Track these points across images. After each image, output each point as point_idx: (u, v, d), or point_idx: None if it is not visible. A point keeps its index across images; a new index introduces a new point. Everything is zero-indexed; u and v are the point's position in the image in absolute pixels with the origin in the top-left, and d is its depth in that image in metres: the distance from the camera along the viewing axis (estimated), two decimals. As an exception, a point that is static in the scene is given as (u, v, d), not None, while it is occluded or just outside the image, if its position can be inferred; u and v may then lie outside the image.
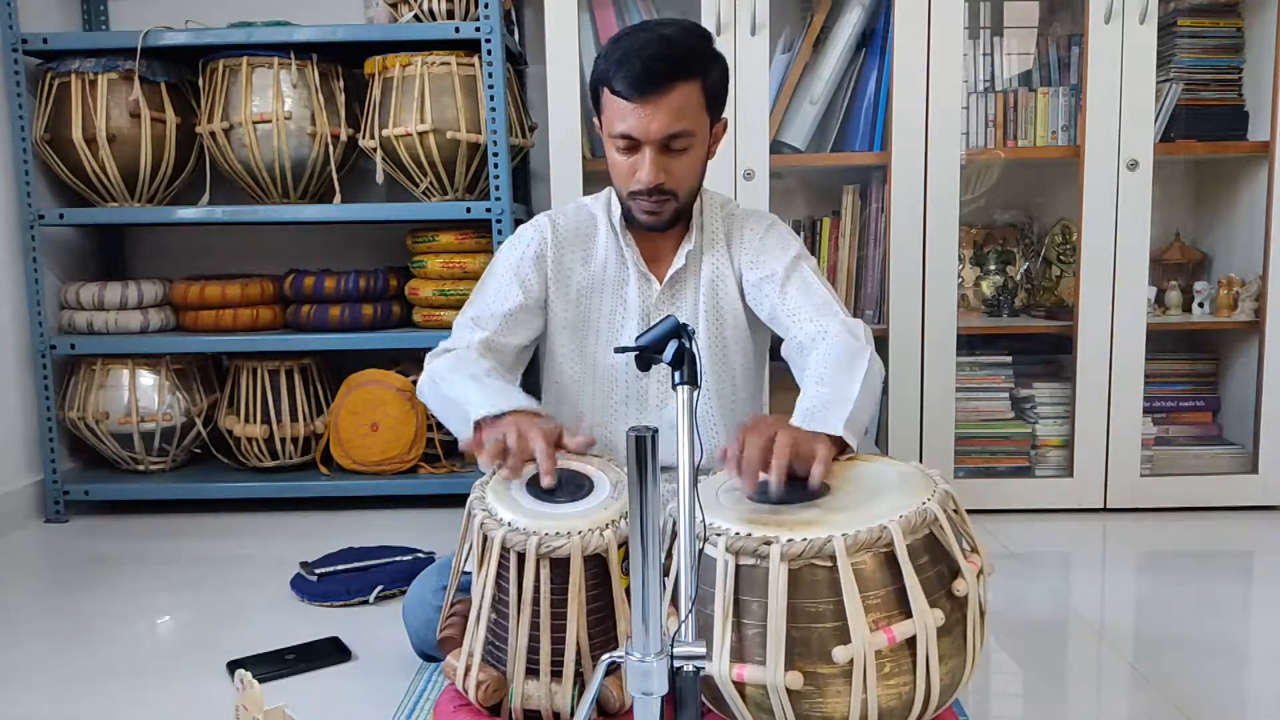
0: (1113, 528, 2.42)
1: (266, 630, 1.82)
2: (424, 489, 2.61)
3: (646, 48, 1.47)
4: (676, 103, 1.48)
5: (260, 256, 2.93)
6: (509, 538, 1.28)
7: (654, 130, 1.48)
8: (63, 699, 1.61)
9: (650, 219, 1.59)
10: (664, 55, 1.47)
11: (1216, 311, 2.59)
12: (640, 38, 1.50)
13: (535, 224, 1.70)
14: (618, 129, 1.51)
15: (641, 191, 1.54)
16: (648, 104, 1.47)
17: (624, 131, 1.50)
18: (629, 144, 1.52)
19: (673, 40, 1.49)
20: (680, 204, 1.59)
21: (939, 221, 2.43)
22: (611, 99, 1.51)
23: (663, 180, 1.52)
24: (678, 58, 1.48)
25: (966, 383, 2.56)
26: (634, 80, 1.46)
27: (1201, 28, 2.52)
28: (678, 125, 1.49)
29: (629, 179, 1.55)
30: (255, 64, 2.55)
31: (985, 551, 1.26)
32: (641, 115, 1.48)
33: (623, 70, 1.47)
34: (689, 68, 1.49)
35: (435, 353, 1.65)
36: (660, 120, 1.48)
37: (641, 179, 1.52)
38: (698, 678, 1.03)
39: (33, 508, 2.62)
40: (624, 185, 1.57)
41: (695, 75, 1.49)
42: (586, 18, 2.49)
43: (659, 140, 1.50)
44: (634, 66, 1.46)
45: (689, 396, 1.11)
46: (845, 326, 1.55)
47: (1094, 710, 1.57)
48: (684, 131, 1.50)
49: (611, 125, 1.52)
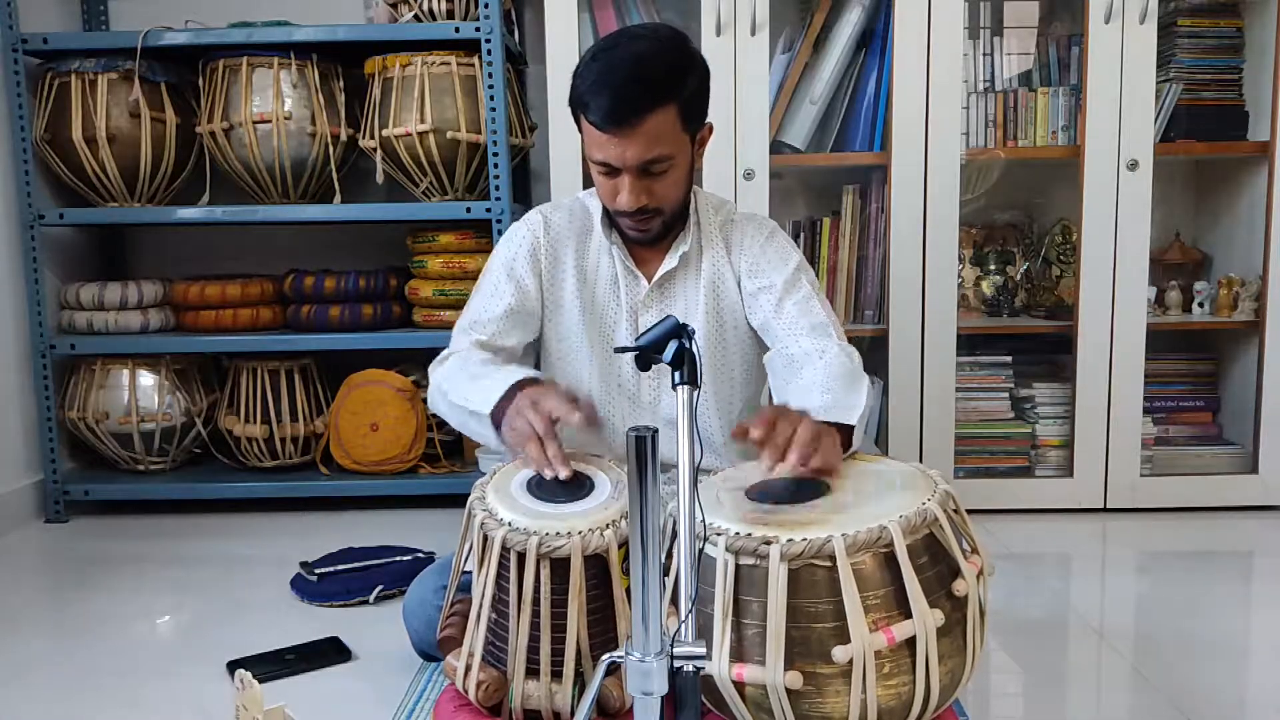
0: (1113, 528, 2.42)
1: (266, 630, 1.82)
2: (424, 489, 2.61)
3: (618, 71, 1.45)
4: (651, 132, 1.47)
5: (260, 256, 2.93)
6: (509, 537, 1.28)
7: (630, 159, 1.48)
8: (63, 699, 1.61)
9: (638, 235, 1.61)
10: (635, 81, 1.45)
11: (1216, 311, 2.59)
12: (614, 57, 1.47)
13: (528, 220, 1.71)
14: (595, 156, 1.52)
15: (624, 213, 1.55)
16: (622, 135, 1.47)
17: (601, 160, 1.51)
18: (608, 170, 1.53)
19: (645, 60, 1.47)
20: (667, 217, 1.59)
21: (939, 221, 2.43)
22: (588, 126, 1.51)
23: (645, 202, 1.53)
24: (650, 83, 1.46)
25: (966, 383, 2.56)
26: (606, 114, 1.46)
27: (1201, 28, 2.52)
28: (653, 152, 1.49)
29: (612, 200, 1.56)
30: (255, 64, 2.55)
31: (985, 552, 1.26)
32: (616, 145, 1.48)
33: (596, 101, 1.46)
34: (662, 93, 1.47)
35: (437, 361, 1.66)
36: (635, 149, 1.48)
37: (622, 204, 1.53)
38: (698, 678, 1.03)
39: (33, 508, 2.62)
40: (609, 203, 1.58)
41: (669, 99, 1.47)
42: (586, 18, 2.49)
43: (635, 168, 1.50)
44: (606, 98, 1.45)
45: (689, 396, 1.11)
46: (843, 350, 1.57)
47: (1094, 710, 1.57)
48: (660, 157, 1.50)
49: (590, 151, 1.53)
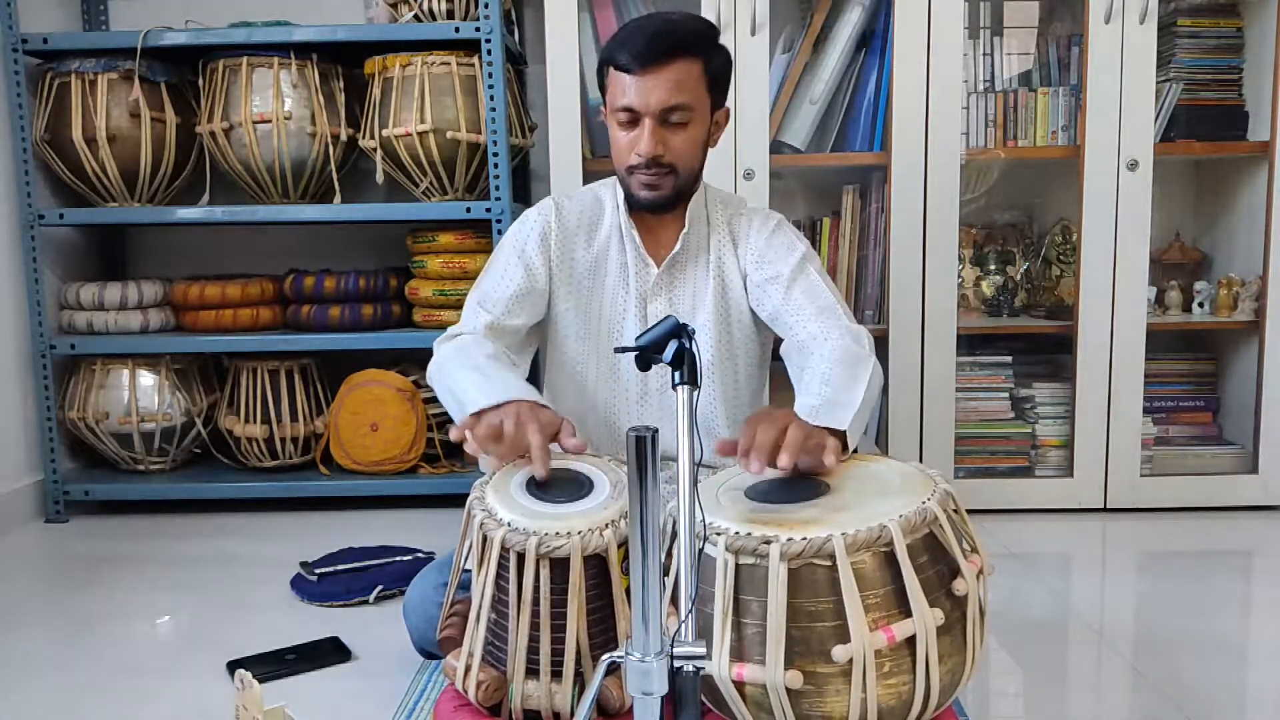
0: (1113, 528, 2.42)
1: (266, 630, 1.82)
2: (424, 489, 2.61)
3: (650, 25, 1.57)
4: (676, 75, 1.53)
5: (260, 256, 2.93)
6: (509, 538, 1.28)
7: (654, 102, 1.53)
8: (63, 699, 1.61)
9: (650, 194, 1.60)
10: (667, 32, 1.54)
11: (1216, 311, 2.59)
12: (647, 20, 1.60)
13: (540, 207, 1.73)
14: (619, 102, 1.56)
15: (640, 165, 1.57)
16: (648, 75, 1.53)
17: (625, 104, 1.55)
18: (630, 117, 1.56)
19: (678, 23, 1.57)
20: (680, 181, 1.61)
21: (939, 221, 2.43)
22: (615, 75, 1.56)
23: (661, 152, 1.56)
24: (680, 36, 1.55)
25: (966, 383, 2.56)
26: (636, 53, 1.53)
27: (1201, 28, 2.52)
28: (677, 98, 1.54)
29: (629, 153, 1.58)
30: (255, 64, 2.55)
31: (985, 552, 1.26)
32: (642, 87, 1.53)
33: (627, 45, 1.54)
34: (691, 46, 1.55)
35: (444, 337, 1.67)
36: (660, 92, 1.53)
37: (640, 150, 1.56)
38: (698, 677, 1.03)
39: (33, 508, 2.62)
40: (625, 161, 1.60)
41: (697, 54, 1.55)
42: (586, 18, 2.49)
43: (658, 112, 1.54)
44: (637, 41, 1.54)
45: (689, 396, 1.11)
46: (849, 333, 1.57)
47: (1094, 710, 1.57)
48: (683, 105, 1.54)
49: (614, 100, 1.58)
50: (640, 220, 1.68)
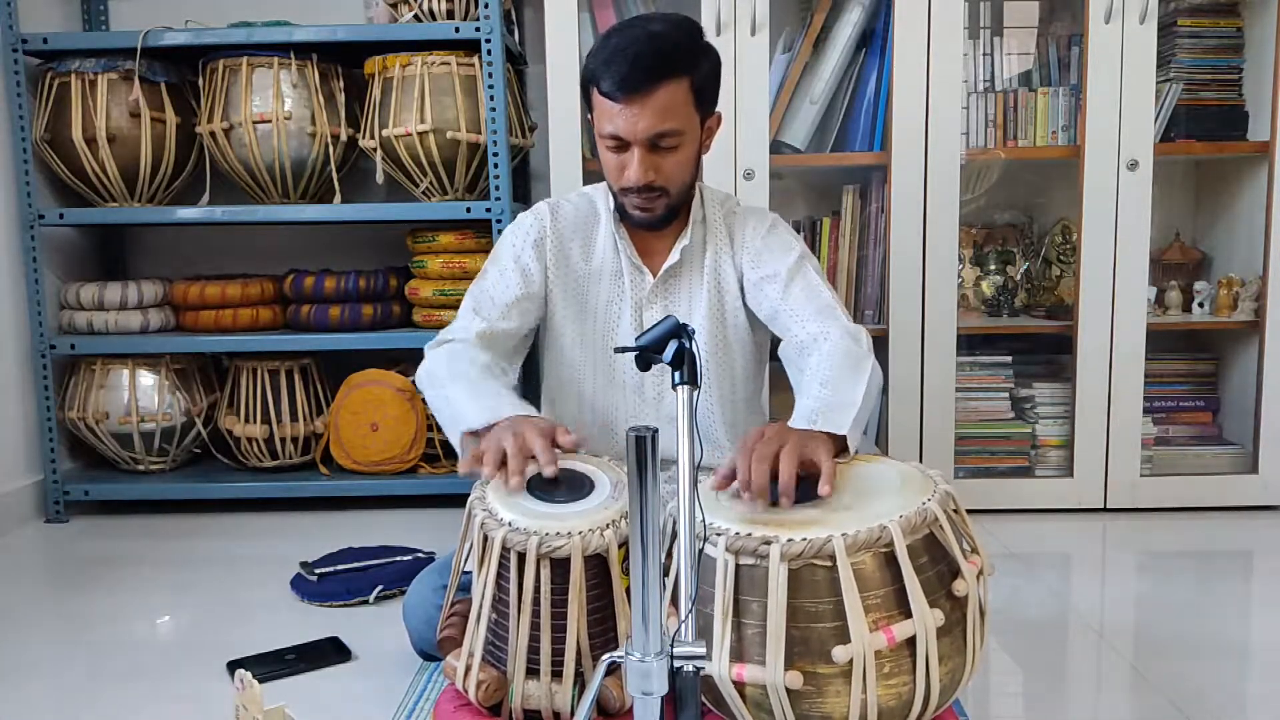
0: (1113, 528, 2.42)
1: (266, 630, 1.82)
2: (424, 489, 2.61)
3: (632, 46, 1.48)
4: (662, 102, 1.48)
5: (260, 256, 2.93)
6: (509, 538, 1.28)
7: (640, 130, 1.49)
8: (63, 699, 1.61)
9: (643, 215, 1.59)
10: (649, 54, 1.47)
11: (1216, 311, 2.59)
12: (627, 35, 1.50)
13: (536, 211, 1.72)
14: (606, 129, 1.52)
15: (632, 189, 1.55)
16: (633, 104, 1.48)
17: (611, 132, 1.52)
18: (618, 144, 1.53)
19: (660, 36, 1.49)
20: (673, 200, 1.59)
21: (939, 221, 2.43)
22: (600, 99, 1.52)
23: (652, 178, 1.54)
24: (664, 55, 1.48)
25: (966, 383, 2.56)
26: (619, 81, 1.47)
27: (1201, 28, 2.52)
28: (664, 125, 1.50)
29: (619, 177, 1.56)
30: (255, 64, 2.55)
31: (985, 552, 1.26)
32: (628, 116, 1.49)
33: (609, 71, 1.48)
34: (675, 66, 1.49)
35: (435, 342, 1.66)
36: (646, 120, 1.49)
37: (630, 178, 1.53)
38: (698, 678, 1.03)
39: (33, 508, 2.62)
40: (615, 182, 1.58)
41: (682, 73, 1.50)
42: (586, 18, 2.49)
43: (646, 140, 1.51)
44: (619, 67, 1.47)
45: (689, 396, 1.11)
46: (848, 332, 1.56)
47: (1094, 710, 1.56)
48: (671, 131, 1.51)
49: (601, 124, 1.54)
50: (633, 229, 1.67)
